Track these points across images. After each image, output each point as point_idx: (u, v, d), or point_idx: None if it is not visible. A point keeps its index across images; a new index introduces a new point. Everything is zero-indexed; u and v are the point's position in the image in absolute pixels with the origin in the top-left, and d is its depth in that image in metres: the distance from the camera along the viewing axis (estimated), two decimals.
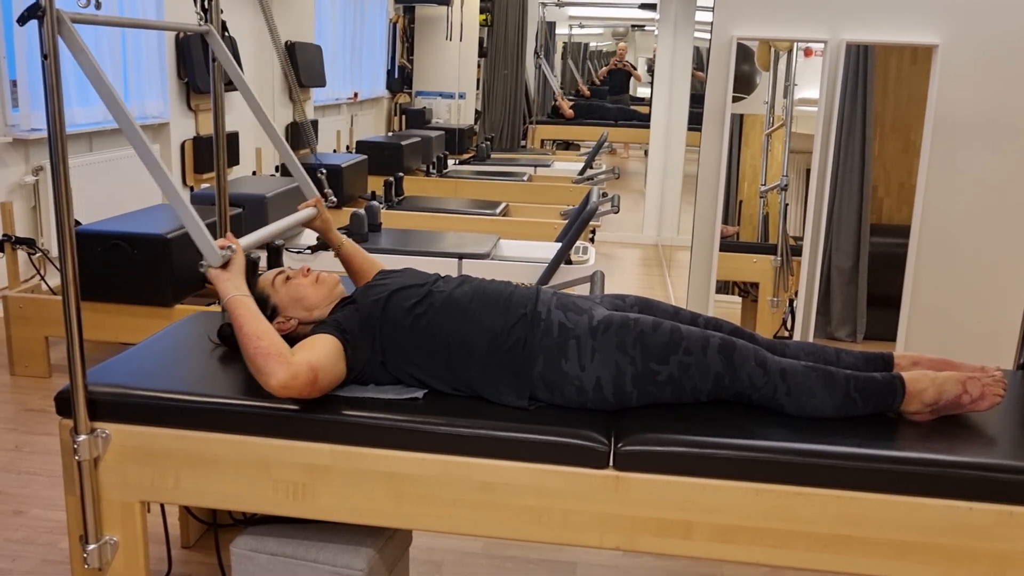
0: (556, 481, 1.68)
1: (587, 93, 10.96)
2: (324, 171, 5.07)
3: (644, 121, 8.30)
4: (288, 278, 2.00)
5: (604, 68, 11.24)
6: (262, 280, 2.01)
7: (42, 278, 3.63)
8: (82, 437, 1.75)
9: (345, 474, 1.74)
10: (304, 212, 2.25)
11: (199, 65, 4.90)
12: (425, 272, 2.03)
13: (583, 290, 3.53)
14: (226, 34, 4.51)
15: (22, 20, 1.60)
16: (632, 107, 10.84)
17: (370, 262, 2.25)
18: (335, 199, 2.20)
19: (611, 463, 1.68)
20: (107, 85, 1.76)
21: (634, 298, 2.01)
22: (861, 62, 3.74)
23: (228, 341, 2.00)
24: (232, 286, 1.82)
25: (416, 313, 1.85)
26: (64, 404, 1.77)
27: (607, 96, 10.98)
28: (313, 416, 1.74)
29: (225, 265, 1.84)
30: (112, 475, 1.80)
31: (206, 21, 2.17)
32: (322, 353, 1.77)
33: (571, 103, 10.59)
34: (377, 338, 1.85)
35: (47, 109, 1.65)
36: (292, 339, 1.86)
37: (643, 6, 9.06)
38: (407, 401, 1.78)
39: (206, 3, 2.12)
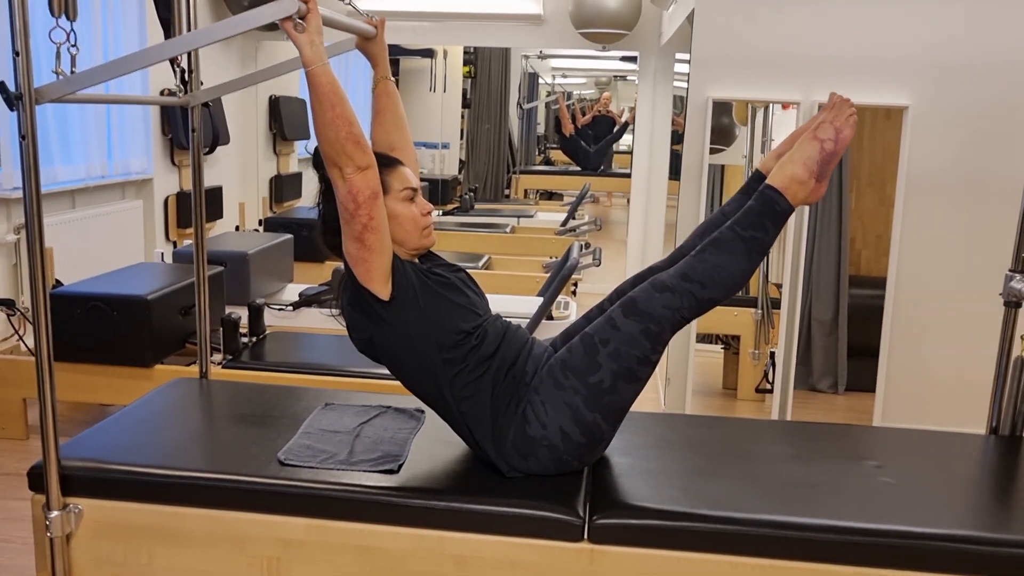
0: (530, 555, 1.68)
1: (571, 130, 11.08)
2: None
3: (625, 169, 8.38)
4: (412, 199, 1.85)
5: (588, 115, 11.36)
6: (401, 169, 1.87)
7: (20, 339, 3.62)
8: (54, 513, 1.73)
9: (319, 548, 1.73)
10: (364, 25, 1.98)
11: (182, 121, 4.94)
12: (484, 301, 1.93)
13: None
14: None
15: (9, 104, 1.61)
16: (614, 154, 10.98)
17: (397, 115, 2.06)
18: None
19: (585, 536, 1.67)
20: None
21: (560, 338, 1.98)
22: None
23: None
24: (318, 53, 1.60)
25: (460, 338, 1.80)
26: (37, 479, 1.76)
27: (591, 143, 11.11)
28: (287, 489, 1.73)
29: (303, 19, 1.60)
30: (84, 551, 1.78)
31: (186, 92, 2.20)
32: (385, 217, 1.73)
33: (556, 141, 10.65)
34: (419, 318, 1.77)
35: (24, 189, 1.66)
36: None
37: (624, 58, 9.19)
38: (381, 473, 1.78)
39: (186, 76, 2.15)
